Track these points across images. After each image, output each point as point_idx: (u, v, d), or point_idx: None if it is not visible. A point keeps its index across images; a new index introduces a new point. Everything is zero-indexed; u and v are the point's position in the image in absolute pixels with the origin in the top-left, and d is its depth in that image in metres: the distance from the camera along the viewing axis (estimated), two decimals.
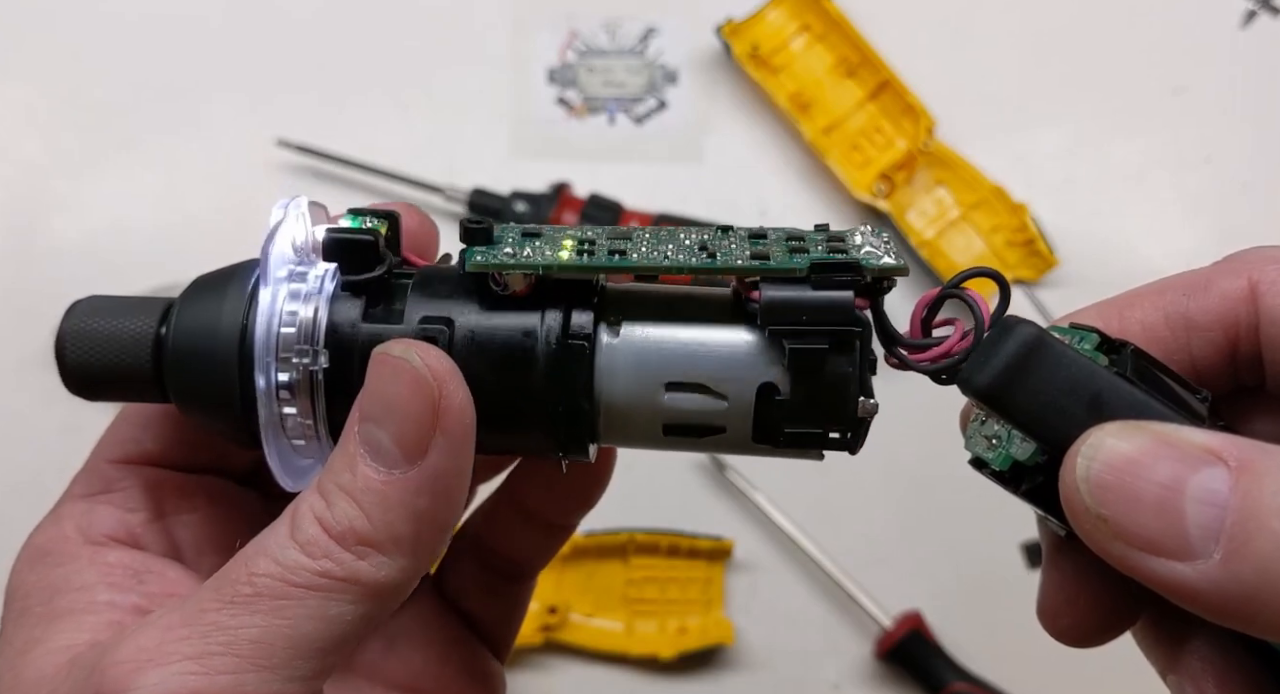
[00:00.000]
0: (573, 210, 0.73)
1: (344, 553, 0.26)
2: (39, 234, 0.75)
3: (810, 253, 0.28)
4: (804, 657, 0.71)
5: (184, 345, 0.29)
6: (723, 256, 0.28)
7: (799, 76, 0.76)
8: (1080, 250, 0.75)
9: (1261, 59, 0.78)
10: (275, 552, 0.27)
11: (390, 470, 0.27)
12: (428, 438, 0.26)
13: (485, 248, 0.28)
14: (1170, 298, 0.29)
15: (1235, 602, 0.22)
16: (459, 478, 0.27)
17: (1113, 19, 0.79)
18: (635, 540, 0.70)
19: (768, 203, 0.77)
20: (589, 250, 0.28)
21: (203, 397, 0.29)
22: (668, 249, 0.29)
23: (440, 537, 0.28)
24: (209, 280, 0.30)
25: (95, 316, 0.30)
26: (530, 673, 0.70)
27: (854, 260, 0.28)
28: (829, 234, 0.29)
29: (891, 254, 0.28)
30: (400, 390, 0.26)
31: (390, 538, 0.26)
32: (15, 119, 0.77)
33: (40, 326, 0.71)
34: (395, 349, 0.27)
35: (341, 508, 0.27)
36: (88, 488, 0.32)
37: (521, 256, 0.28)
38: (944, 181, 0.76)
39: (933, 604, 0.70)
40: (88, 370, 0.30)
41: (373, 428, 0.27)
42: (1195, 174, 0.77)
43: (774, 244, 0.29)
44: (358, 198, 0.75)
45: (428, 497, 0.27)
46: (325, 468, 0.28)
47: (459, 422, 0.27)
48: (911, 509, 0.72)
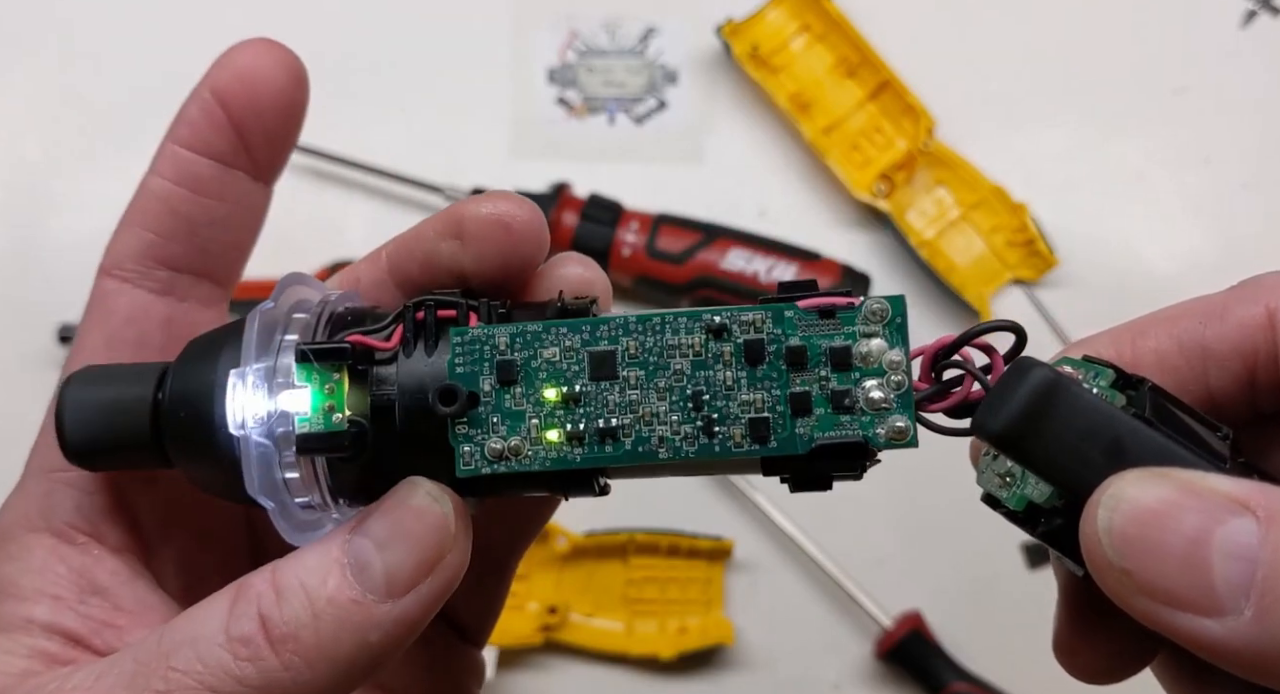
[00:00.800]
0: (573, 210, 0.73)
1: (273, 659, 0.25)
2: (39, 234, 0.75)
3: (813, 408, 0.26)
4: (804, 657, 0.71)
5: (179, 416, 0.29)
6: (719, 425, 0.27)
7: (799, 76, 0.76)
8: (1080, 250, 0.75)
9: (1261, 59, 0.78)
10: (202, 648, 0.26)
11: (366, 593, 0.26)
12: (419, 581, 0.26)
13: (471, 447, 0.27)
14: (1184, 325, 0.28)
15: (1267, 659, 0.21)
16: (416, 630, 0.27)
17: (1113, 19, 0.79)
18: (635, 540, 0.70)
19: (768, 203, 0.77)
20: (578, 432, 0.27)
21: (202, 466, 0.29)
22: (659, 410, 0.27)
23: (363, 676, 0.27)
24: (203, 342, 0.29)
25: (91, 387, 0.30)
26: (530, 673, 0.70)
27: (858, 439, 0.26)
28: (832, 357, 0.27)
29: (901, 409, 0.26)
30: (420, 527, 0.26)
31: (328, 658, 0.26)
32: (15, 119, 0.77)
33: (40, 326, 0.71)
34: (432, 488, 0.27)
35: (295, 611, 0.26)
36: (47, 462, 0.31)
37: (513, 460, 0.27)
38: (944, 181, 0.76)
39: (933, 604, 0.70)
40: (88, 441, 0.29)
41: (370, 548, 0.26)
42: (1195, 174, 0.77)
43: (773, 383, 0.27)
44: (358, 198, 0.76)
45: (383, 635, 0.26)
46: (291, 559, 0.27)
47: (452, 579, 0.27)
48: (912, 509, 0.72)
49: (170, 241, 0.32)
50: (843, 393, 0.26)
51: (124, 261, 0.32)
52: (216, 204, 0.32)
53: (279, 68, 0.31)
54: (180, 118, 0.32)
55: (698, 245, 0.72)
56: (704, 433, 0.27)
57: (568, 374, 0.27)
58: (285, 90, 0.31)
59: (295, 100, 0.32)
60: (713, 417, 0.27)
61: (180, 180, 0.32)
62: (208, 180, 0.32)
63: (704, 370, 0.27)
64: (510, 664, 0.69)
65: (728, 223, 0.74)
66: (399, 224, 0.32)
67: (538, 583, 0.70)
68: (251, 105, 0.31)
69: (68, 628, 0.29)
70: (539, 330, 0.27)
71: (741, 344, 0.27)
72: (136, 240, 0.32)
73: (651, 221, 0.73)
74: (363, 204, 0.76)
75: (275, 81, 0.31)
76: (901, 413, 0.26)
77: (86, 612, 0.29)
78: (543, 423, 0.27)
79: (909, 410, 0.26)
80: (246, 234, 0.33)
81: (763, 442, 0.26)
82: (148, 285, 0.32)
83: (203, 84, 0.32)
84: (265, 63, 0.31)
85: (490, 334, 0.27)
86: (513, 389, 0.27)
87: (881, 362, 0.26)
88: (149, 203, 0.32)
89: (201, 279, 0.33)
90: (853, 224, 0.76)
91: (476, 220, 0.29)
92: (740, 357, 0.27)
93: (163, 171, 0.32)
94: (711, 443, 0.27)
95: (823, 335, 0.27)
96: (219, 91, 0.31)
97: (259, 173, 0.33)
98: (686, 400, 0.27)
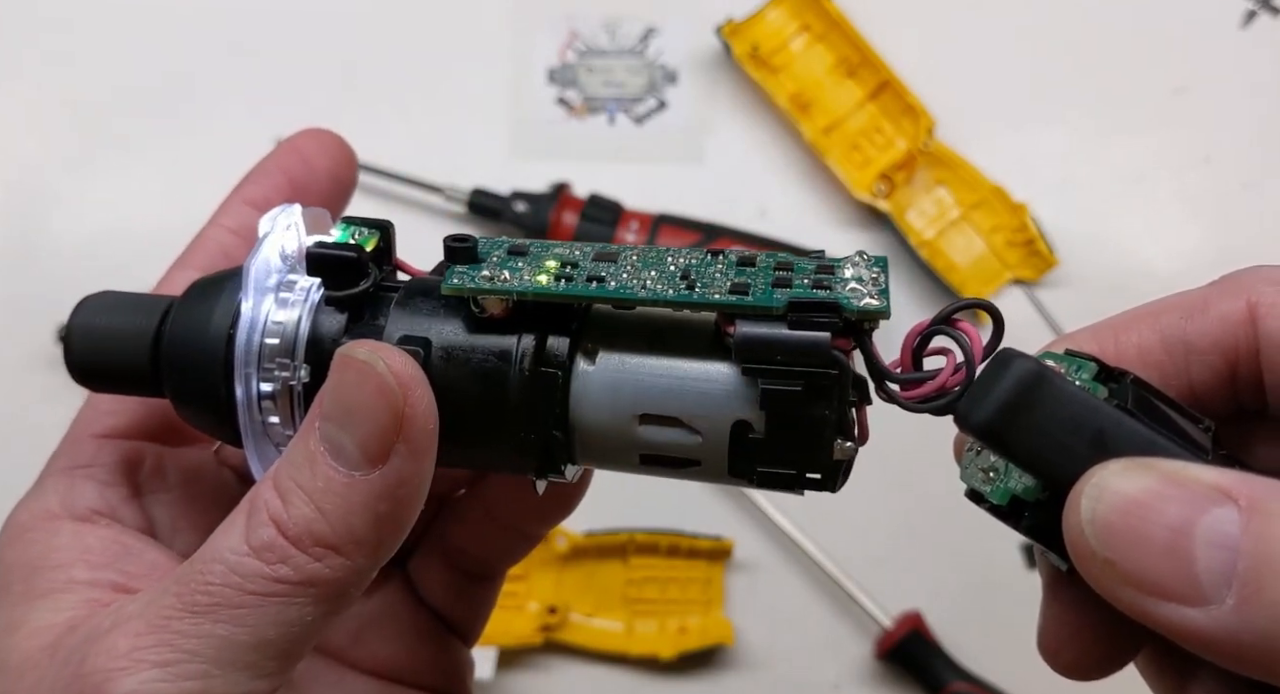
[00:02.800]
0: (573, 210, 0.73)
1: (301, 555, 0.26)
2: (39, 234, 0.75)
3: (793, 287, 0.27)
4: (804, 657, 0.71)
5: (177, 347, 0.30)
6: (702, 288, 0.27)
7: (799, 76, 0.76)
8: (1080, 250, 0.75)
9: (1261, 59, 0.78)
10: (230, 558, 0.26)
11: (351, 472, 0.26)
12: (390, 443, 0.26)
13: (464, 269, 0.28)
14: (1167, 320, 0.29)
15: (1249, 649, 0.21)
16: (420, 484, 0.27)
17: (1113, 19, 0.79)
18: (635, 540, 0.70)
19: (768, 203, 0.77)
20: (568, 275, 0.28)
21: (193, 398, 0.30)
22: (649, 276, 0.28)
23: (399, 537, 0.28)
24: (208, 283, 0.31)
25: (102, 313, 0.31)
26: (530, 673, 0.70)
27: (833, 300, 0.26)
28: (819, 263, 0.28)
29: (877, 293, 0.27)
30: (364, 395, 0.26)
31: (350, 540, 0.26)
32: (15, 119, 0.77)
33: (41, 326, 0.71)
34: (360, 352, 0.27)
35: (299, 508, 0.26)
36: (70, 461, 0.33)
37: (499, 281, 0.28)
38: (944, 181, 0.76)
39: (933, 604, 0.70)
40: (92, 363, 0.31)
41: (334, 429, 0.27)
42: (1195, 174, 0.77)
43: (759, 273, 0.28)
44: (357, 198, 0.75)
45: (389, 501, 0.27)
46: (283, 461, 0.27)
47: (422, 429, 0.27)
48: (911, 509, 0.72)
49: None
50: (823, 276, 0.28)
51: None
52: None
53: (335, 148, 0.37)
54: (247, 178, 0.36)
55: (698, 245, 0.72)
56: (685, 286, 0.27)
57: (571, 257, 0.29)
58: (339, 165, 0.37)
59: (347, 176, 0.37)
60: (696, 281, 0.28)
61: (238, 230, 0.35)
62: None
63: (696, 267, 0.28)
64: (510, 664, 0.69)
65: (728, 223, 0.74)
66: (399, 224, 0.32)
67: (538, 583, 0.70)
68: (310, 175, 0.36)
69: (112, 580, 0.30)
70: (554, 243, 0.30)
71: (734, 260, 0.29)
72: (188, 279, 0.33)
73: (651, 221, 0.73)
74: (363, 204, 0.75)
75: (331, 158, 0.37)
76: (878, 296, 0.27)
77: (126, 568, 0.30)
78: (536, 271, 0.28)
79: (885, 296, 0.27)
80: None
81: (741, 292, 0.27)
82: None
83: (270, 157, 0.36)
84: (326, 143, 0.37)
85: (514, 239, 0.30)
86: (518, 259, 0.29)
87: (862, 274, 0.27)
88: (206, 245, 0.35)
89: None
90: (853, 224, 0.76)
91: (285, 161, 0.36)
92: (733, 262, 0.29)
93: (224, 222, 0.36)
94: (691, 292, 0.27)
95: (811, 259, 0.29)
96: (283, 161, 0.36)
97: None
98: (677, 273, 0.28)
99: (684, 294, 0.27)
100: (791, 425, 0.27)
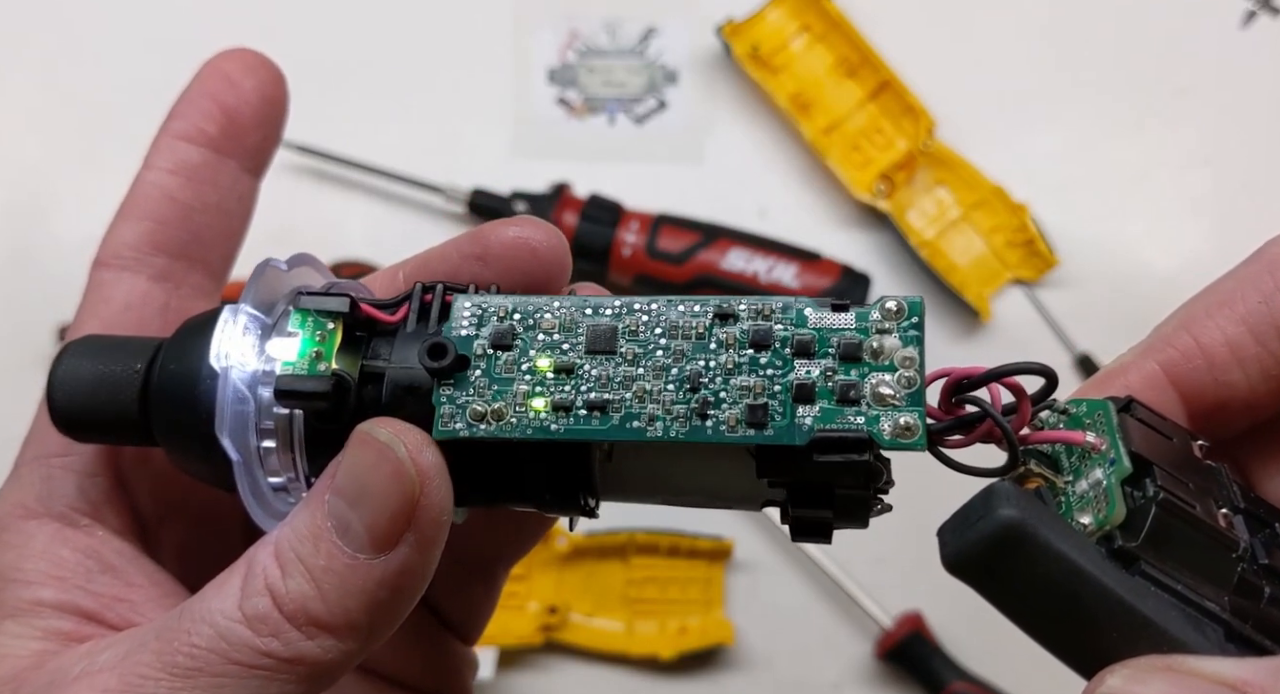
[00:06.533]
0: (573, 210, 0.73)
1: (293, 632, 0.25)
2: (39, 234, 0.75)
3: (817, 396, 0.25)
4: (804, 657, 0.71)
5: (167, 391, 0.28)
6: (714, 412, 0.25)
7: (799, 76, 0.76)
8: (1080, 250, 0.75)
9: (1261, 59, 0.78)
10: (221, 622, 0.25)
11: (356, 554, 0.25)
12: (400, 531, 0.25)
13: (449, 401, 0.26)
14: (1245, 308, 0.27)
15: None
16: (424, 575, 0.26)
17: (1113, 19, 0.79)
18: (635, 540, 0.70)
19: (768, 203, 0.77)
20: (567, 404, 0.26)
21: (188, 446, 0.28)
22: (653, 391, 0.26)
23: (394, 625, 0.27)
24: (197, 324, 0.29)
25: (86, 358, 0.29)
26: (530, 673, 0.70)
27: (862, 434, 0.25)
28: (844, 337, 0.26)
29: (913, 399, 0.25)
30: (379, 478, 0.25)
31: (345, 623, 0.25)
32: (15, 119, 0.77)
33: (41, 327, 0.71)
34: (381, 433, 0.26)
35: (298, 583, 0.25)
36: (44, 448, 0.31)
37: (490, 418, 0.26)
38: (944, 181, 0.76)
39: (933, 604, 0.70)
40: (77, 413, 0.29)
41: (344, 507, 0.25)
42: (1195, 174, 0.77)
43: (777, 371, 0.25)
44: (358, 198, 0.76)
45: (389, 590, 0.26)
46: (288, 526, 0.26)
47: (434, 521, 0.26)
48: (912, 509, 0.72)
49: (166, 227, 0.33)
50: (849, 385, 0.25)
51: (121, 250, 0.33)
52: (210, 190, 0.33)
53: (260, 67, 0.34)
54: (173, 114, 0.34)
55: (698, 245, 0.72)
56: (697, 414, 0.25)
57: (564, 346, 0.26)
58: (267, 84, 0.34)
59: (277, 95, 0.34)
60: (708, 399, 0.25)
61: (176, 169, 0.33)
62: (201, 167, 0.33)
63: (705, 352, 0.26)
64: (510, 664, 0.69)
65: (728, 223, 0.74)
66: (399, 224, 0.32)
67: (538, 583, 0.70)
68: (239, 97, 0.33)
69: (79, 606, 0.29)
70: (542, 302, 0.27)
71: (748, 329, 0.26)
72: (133, 229, 0.33)
73: (651, 221, 0.73)
74: (363, 204, 0.76)
75: (258, 77, 0.34)
76: (910, 410, 0.25)
77: (96, 589, 0.29)
78: (531, 391, 0.26)
79: (919, 409, 0.25)
80: (238, 223, 0.34)
81: (759, 427, 0.25)
82: (144, 272, 0.33)
83: (192, 85, 0.34)
84: (248, 63, 0.34)
85: (491, 301, 0.27)
86: (506, 356, 0.26)
87: (893, 358, 0.25)
88: (145, 192, 0.33)
89: (195, 267, 0.33)
90: (853, 224, 0.76)
91: (503, 242, 0.29)
92: (745, 342, 0.26)
93: (158, 163, 0.33)
94: (704, 425, 0.25)
95: (834, 329, 0.26)
96: (208, 88, 0.34)
97: (249, 162, 0.34)
98: (684, 379, 0.26)
99: (695, 429, 0.25)
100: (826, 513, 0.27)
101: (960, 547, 0.24)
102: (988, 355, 0.74)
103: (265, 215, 0.36)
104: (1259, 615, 0.25)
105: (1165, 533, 0.24)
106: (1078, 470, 0.26)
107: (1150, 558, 0.24)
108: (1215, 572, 0.24)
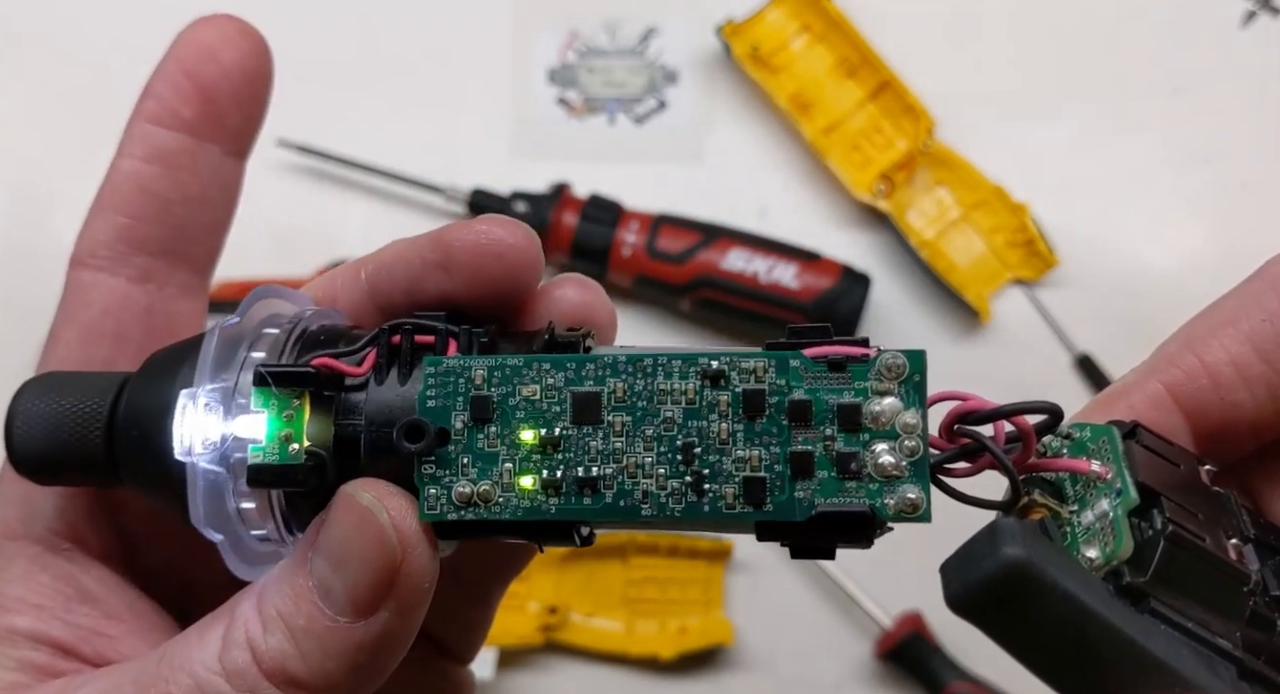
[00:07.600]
0: (573, 210, 0.73)
1: (271, 689, 0.25)
2: (39, 234, 0.75)
3: (816, 470, 0.24)
4: (804, 657, 0.71)
5: (132, 429, 0.27)
6: (710, 486, 0.24)
7: (799, 76, 0.76)
8: (1080, 250, 0.75)
9: (1261, 59, 0.78)
10: (200, 673, 0.25)
11: (337, 617, 0.25)
12: (381, 597, 0.25)
13: (433, 481, 0.25)
14: (1249, 326, 0.26)
15: None
16: (405, 641, 0.26)
17: (1113, 19, 0.79)
18: (635, 541, 0.70)
19: (768, 203, 0.77)
20: (555, 483, 0.25)
21: (157, 485, 0.27)
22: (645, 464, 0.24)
23: (375, 685, 0.26)
24: (165, 358, 0.28)
25: (47, 395, 0.28)
26: (530, 673, 0.70)
27: (862, 512, 0.24)
28: (840, 403, 0.24)
29: (917, 470, 0.24)
30: (361, 543, 0.25)
31: (325, 685, 0.25)
32: (15, 119, 0.77)
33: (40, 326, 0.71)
34: (364, 497, 0.25)
35: (278, 641, 0.25)
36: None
37: (477, 499, 0.25)
38: (944, 181, 0.76)
39: (933, 604, 0.70)
40: (38, 453, 0.27)
41: (326, 569, 0.25)
42: (1195, 174, 0.77)
43: (772, 440, 0.24)
44: (358, 198, 0.76)
45: (368, 654, 0.25)
46: (272, 580, 0.26)
47: (415, 588, 0.25)
48: None
49: (144, 223, 0.30)
50: (849, 456, 0.24)
51: (97, 249, 0.30)
52: (190, 179, 0.30)
53: (241, 37, 0.31)
54: (146, 94, 0.31)
55: (698, 245, 0.72)
56: (693, 490, 0.24)
57: (548, 415, 0.25)
58: (249, 57, 0.31)
59: (260, 68, 0.31)
60: (703, 472, 0.24)
61: (150, 157, 0.30)
62: (178, 154, 0.30)
63: (697, 420, 0.24)
64: (510, 664, 0.69)
65: (728, 223, 0.74)
66: (399, 224, 0.31)
67: (538, 583, 0.70)
68: (218, 73, 0.30)
69: (55, 637, 0.28)
70: (519, 365, 0.25)
71: (740, 394, 0.24)
72: (109, 225, 0.30)
73: (651, 221, 0.73)
74: (363, 204, 0.76)
75: (239, 48, 0.30)
76: (914, 482, 0.24)
77: (74, 620, 0.28)
78: (517, 468, 0.25)
79: (923, 480, 0.24)
80: (222, 212, 0.32)
81: (757, 505, 0.24)
82: (124, 273, 0.30)
83: (166, 59, 0.30)
84: (228, 32, 0.30)
85: (466, 366, 0.25)
86: (487, 428, 0.25)
87: (895, 424, 0.24)
88: (120, 184, 0.30)
89: (179, 264, 0.31)
90: (853, 224, 0.76)
91: (465, 248, 0.27)
92: (738, 407, 0.24)
93: (131, 151, 0.30)
94: (700, 502, 0.24)
95: (831, 390, 0.24)
96: (183, 63, 0.30)
97: (230, 145, 0.31)
98: (676, 452, 0.24)
99: (692, 506, 0.24)
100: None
101: (964, 587, 0.23)
102: (988, 355, 0.74)
103: (265, 216, 0.35)
104: (1272, 650, 0.24)
105: (1174, 567, 0.23)
106: (1083, 499, 0.25)
107: (1159, 594, 0.23)
108: (1226, 606, 0.24)
